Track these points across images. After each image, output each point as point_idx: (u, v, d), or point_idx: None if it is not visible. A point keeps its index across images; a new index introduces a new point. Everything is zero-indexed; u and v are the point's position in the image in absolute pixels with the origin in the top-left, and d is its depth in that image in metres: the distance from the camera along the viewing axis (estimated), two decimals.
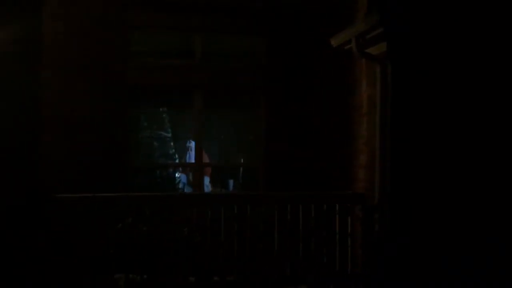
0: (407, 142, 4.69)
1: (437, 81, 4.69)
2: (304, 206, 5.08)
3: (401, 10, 4.66)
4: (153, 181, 6.99)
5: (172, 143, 7.33)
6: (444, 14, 4.65)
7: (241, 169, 7.53)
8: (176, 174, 7.50)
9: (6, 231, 3.98)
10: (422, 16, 4.64)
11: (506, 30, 4.54)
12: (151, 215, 4.52)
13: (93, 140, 5.83)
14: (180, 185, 7.59)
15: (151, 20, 6.16)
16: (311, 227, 5.03)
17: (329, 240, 5.08)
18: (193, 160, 7.57)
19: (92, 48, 5.92)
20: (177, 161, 7.48)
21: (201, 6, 6.16)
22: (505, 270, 4.33)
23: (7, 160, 4.05)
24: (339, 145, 6.23)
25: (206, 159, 7.82)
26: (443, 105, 4.69)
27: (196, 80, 6.29)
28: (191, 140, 7.05)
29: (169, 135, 7.06)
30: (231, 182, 8.08)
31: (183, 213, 4.83)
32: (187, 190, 7.50)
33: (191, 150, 7.38)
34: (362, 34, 4.93)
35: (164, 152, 7.39)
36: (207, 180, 7.77)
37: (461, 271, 4.32)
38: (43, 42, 4.54)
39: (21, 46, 4.15)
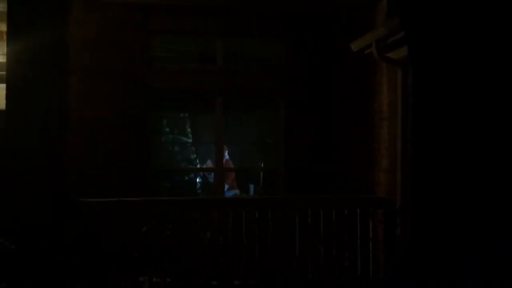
0: (428, 146, 4.67)
1: (459, 85, 4.65)
2: (325, 210, 5.08)
3: (422, 13, 4.65)
4: (175, 185, 7.07)
5: (193, 148, 7.41)
6: (466, 18, 4.62)
7: (262, 173, 7.56)
8: (197, 179, 7.58)
9: (34, 235, 4.07)
10: (443, 20, 4.62)
11: None
12: (174, 219, 4.57)
13: (116, 145, 5.92)
14: (200, 190, 7.68)
15: (172, 25, 6.23)
16: (332, 231, 5.03)
17: (351, 244, 5.08)
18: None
19: (115, 53, 6.02)
20: (198, 165, 7.56)
21: (222, 10, 6.22)
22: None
23: (35, 165, 4.15)
24: (360, 149, 6.22)
25: (230, 165, 7.81)
26: (465, 110, 4.66)
27: (217, 84, 6.34)
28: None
29: (190, 140, 7.14)
30: (251, 186, 8.12)
31: (205, 217, 4.88)
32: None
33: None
34: (382, 38, 4.92)
35: (185, 157, 7.47)
36: (233, 192, 7.78)
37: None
38: (69, 48, 4.62)
39: (48, 53, 4.25)
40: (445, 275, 4.33)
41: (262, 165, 7.16)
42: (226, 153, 7.91)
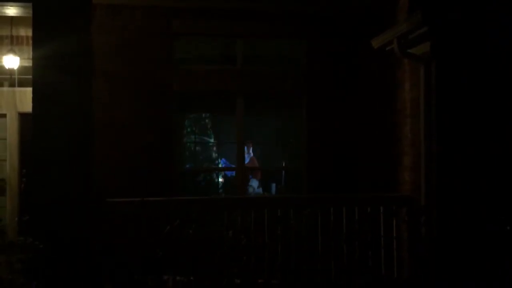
0: (453, 143, 4.61)
1: (483, 81, 4.58)
2: (348, 208, 5.06)
3: (445, 8, 4.59)
4: (198, 184, 7.15)
5: (214, 148, 7.48)
6: (489, 13, 4.55)
7: (283, 172, 7.59)
8: (219, 179, 7.66)
9: (61, 235, 4.17)
10: (466, 14, 4.55)
11: None
12: (197, 218, 4.62)
13: (140, 146, 6.01)
14: (222, 189, 7.76)
15: (193, 28, 6.30)
16: (355, 230, 5.00)
17: (374, 243, 5.03)
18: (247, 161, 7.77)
19: (137, 57, 6.12)
20: (220, 165, 7.64)
21: (242, 12, 6.25)
22: None
23: (61, 166, 4.25)
24: (383, 147, 6.16)
25: (255, 163, 7.91)
26: (490, 105, 4.58)
27: (238, 85, 6.38)
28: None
29: (212, 140, 7.19)
30: (273, 185, 8.16)
31: (227, 216, 4.91)
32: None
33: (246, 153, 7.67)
34: (404, 34, 4.88)
35: (207, 157, 7.56)
36: (255, 183, 7.87)
37: (490, 270, 4.23)
38: (92, 53, 4.72)
39: (73, 58, 4.35)
40: (473, 274, 4.27)
41: (284, 165, 7.17)
42: (250, 150, 7.96)
